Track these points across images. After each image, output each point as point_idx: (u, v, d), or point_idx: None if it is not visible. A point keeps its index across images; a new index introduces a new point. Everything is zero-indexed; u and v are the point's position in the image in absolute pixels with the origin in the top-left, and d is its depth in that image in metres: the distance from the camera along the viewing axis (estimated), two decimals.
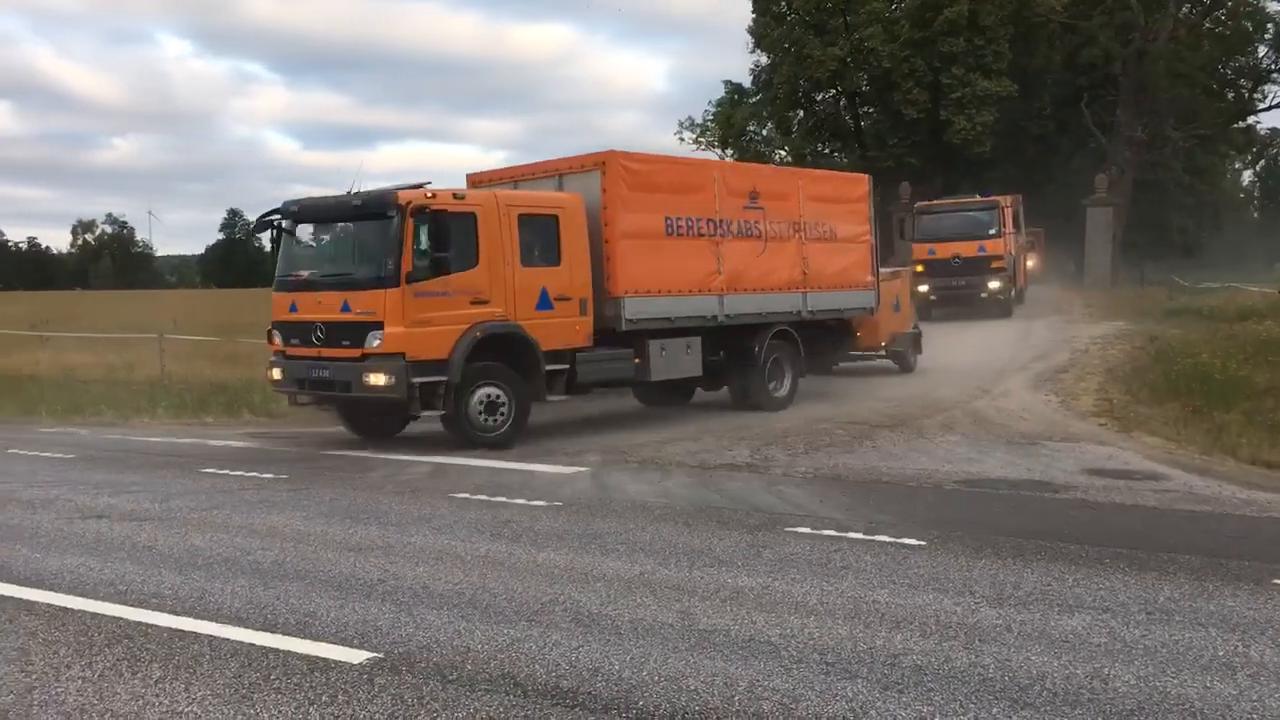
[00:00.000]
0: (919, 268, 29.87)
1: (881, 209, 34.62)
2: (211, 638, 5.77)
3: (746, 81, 54.66)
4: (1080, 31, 47.67)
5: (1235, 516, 8.83)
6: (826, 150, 53.54)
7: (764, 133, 54.88)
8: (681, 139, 56.55)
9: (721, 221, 15.54)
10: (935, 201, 33.31)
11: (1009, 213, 30.45)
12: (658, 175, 15.01)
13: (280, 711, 4.79)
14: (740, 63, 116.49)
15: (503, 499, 9.68)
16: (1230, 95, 51.98)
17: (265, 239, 14.20)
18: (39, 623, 6.11)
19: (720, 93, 55.51)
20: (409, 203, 12.31)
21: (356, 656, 5.44)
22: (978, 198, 32.18)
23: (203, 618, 6.12)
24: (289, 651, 5.52)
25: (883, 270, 21.40)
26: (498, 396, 13.01)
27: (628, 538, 8.06)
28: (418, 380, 12.28)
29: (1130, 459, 11.60)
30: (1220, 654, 5.36)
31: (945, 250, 30.07)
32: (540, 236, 13.68)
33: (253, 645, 5.63)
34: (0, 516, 9.17)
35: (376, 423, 14.20)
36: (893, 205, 44.62)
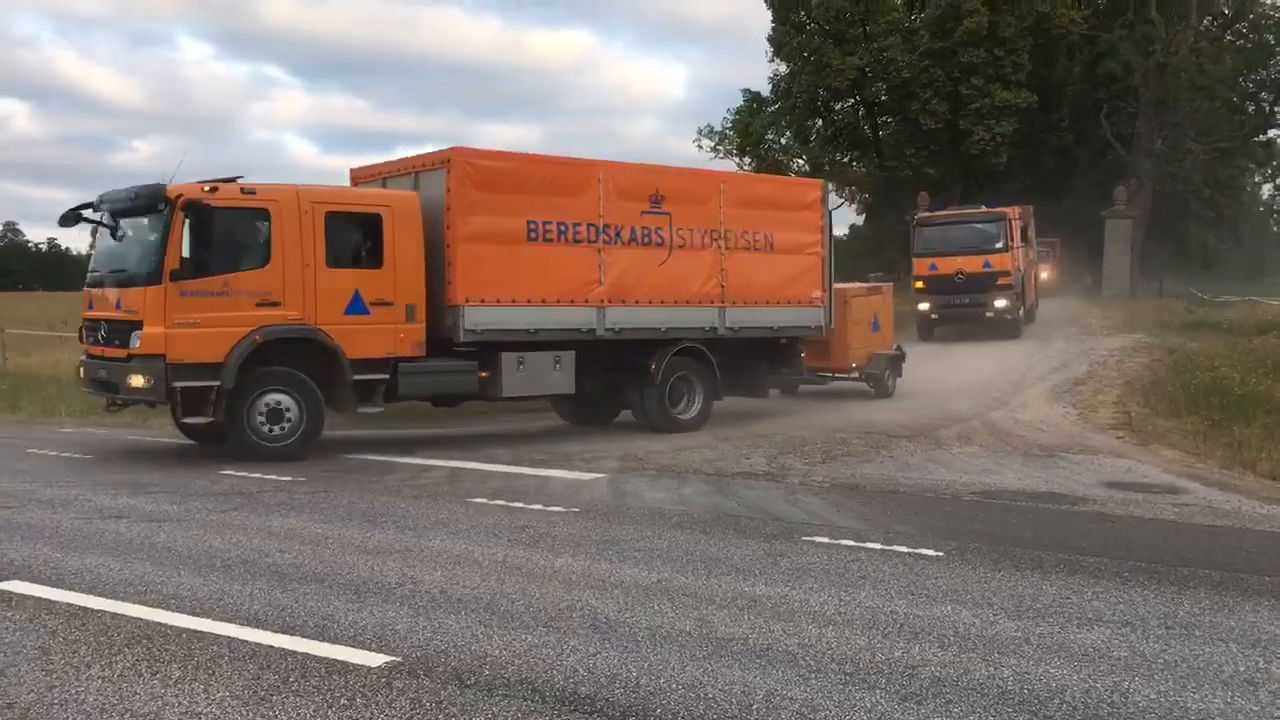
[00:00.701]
0: (919, 284, 28.12)
1: (900, 220, 33.77)
2: (230, 639, 5.78)
3: (765, 90, 54.67)
4: (1100, 43, 47.50)
5: (1255, 531, 8.78)
6: (845, 159, 53.49)
7: (782, 141, 54.88)
8: (700, 146, 56.61)
9: (607, 227, 14.43)
10: (937, 212, 30.61)
11: (1017, 225, 28.13)
12: (519, 175, 13.94)
13: (299, 714, 4.80)
14: (759, 71, 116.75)
15: (519, 504, 9.70)
16: (1251, 108, 51.72)
17: (88, 233, 13.65)
18: (59, 622, 6.14)
19: (739, 101, 55.52)
20: (179, 196, 11.83)
21: (374, 660, 5.44)
22: (983, 209, 29.71)
23: (221, 619, 6.14)
24: (307, 654, 5.54)
25: (860, 285, 21.04)
26: (283, 405, 12.37)
27: (645, 545, 8.06)
28: (179, 384, 11.75)
29: (1149, 472, 11.55)
30: (1242, 669, 5.33)
31: (948, 265, 27.70)
32: (358, 236, 13.09)
33: (271, 647, 5.64)
34: (20, 516, 9.21)
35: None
36: (911, 215, 44.59)
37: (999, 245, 27.40)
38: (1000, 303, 27.09)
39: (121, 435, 15.28)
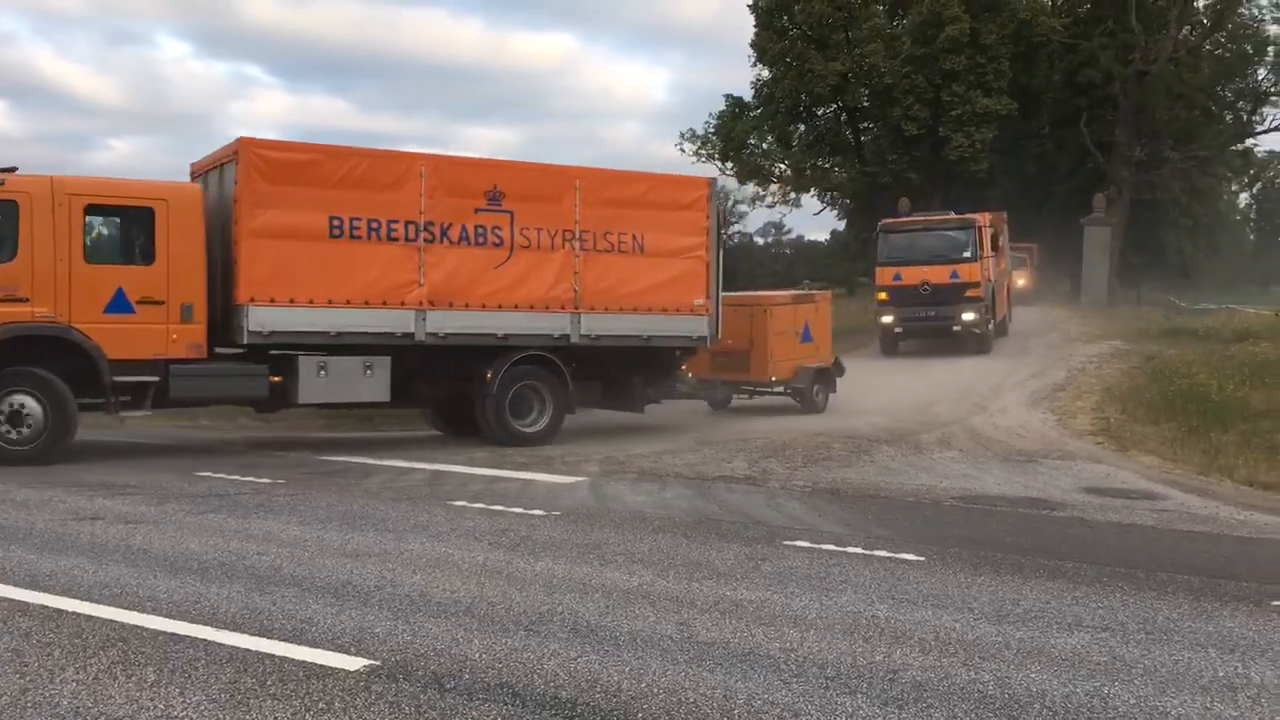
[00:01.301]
0: (882, 295, 26.30)
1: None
2: (206, 642, 5.73)
3: (748, 95, 54.78)
4: (1080, 51, 47.85)
5: (1232, 537, 8.84)
6: (826, 164, 53.68)
7: (764, 146, 55.00)
8: (682, 150, 56.63)
9: (430, 224, 13.54)
10: (903, 218, 28.62)
11: (987, 233, 26.06)
12: (320, 168, 13.10)
13: (276, 717, 4.75)
14: (742, 76, 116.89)
15: (500, 507, 9.66)
16: (1229, 117, 52.17)
17: None
18: (33, 624, 6.06)
19: (722, 105, 55.59)
20: None
21: (353, 664, 5.40)
22: (951, 215, 27.76)
23: (197, 622, 6.08)
24: (285, 657, 5.49)
25: (785, 293, 19.94)
26: (25, 407, 11.84)
27: (626, 548, 8.04)
28: None
29: (1127, 478, 11.62)
30: (1220, 675, 5.35)
31: (912, 275, 25.59)
32: (125, 231, 12.64)
33: (248, 650, 5.59)
34: None
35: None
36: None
37: (967, 254, 25.45)
38: (968, 316, 25.07)
39: (98, 436, 15.12)
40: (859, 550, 8.01)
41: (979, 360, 23.76)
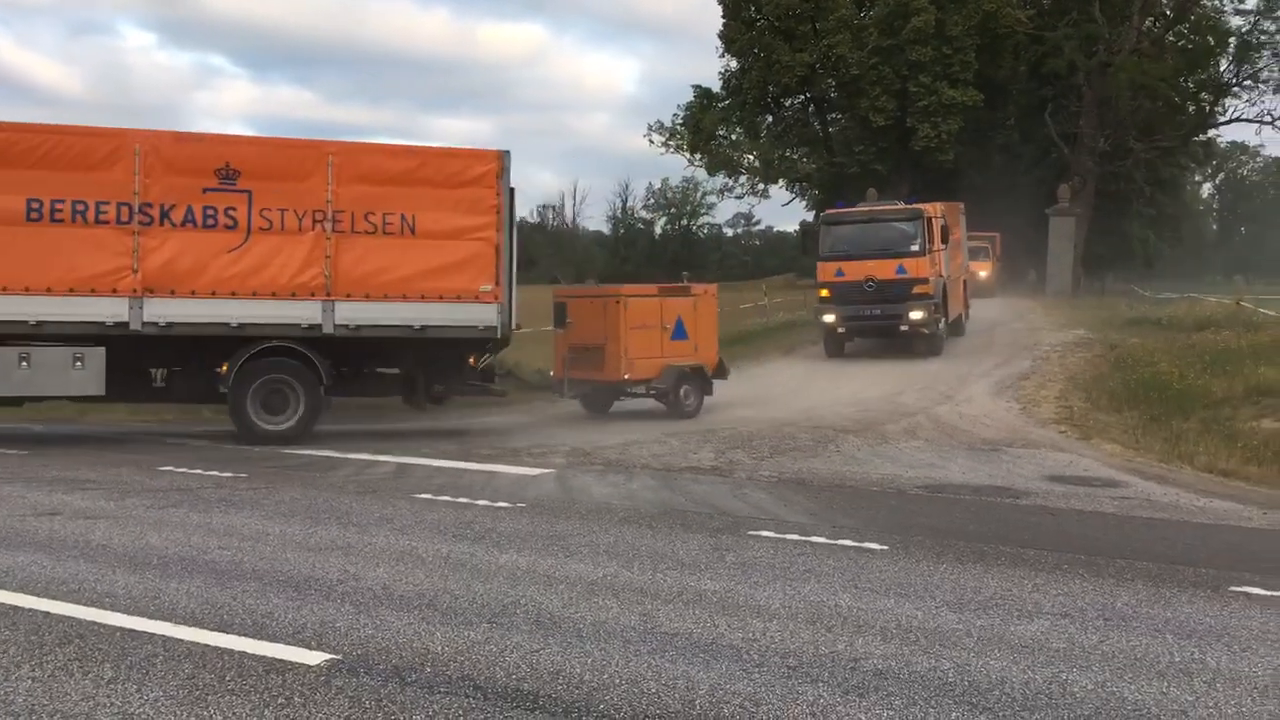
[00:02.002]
0: (824, 292, 23.98)
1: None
2: (165, 638, 5.67)
3: (716, 86, 54.85)
4: (1045, 43, 48.21)
5: (1192, 524, 8.94)
6: (794, 155, 53.86)
7: (733, 137, 55.12)
8: (651, 141, 56.74)
9: (147, 206, 12.75)
10: (846, 209, 26.02)
11: (938, 224, 23.81)
12: (16, 148, 12.43)
13: (235, 713, 4.71)
14: (711, 67, 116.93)
15: (465, 500, 9.63)
16: (1191, 108, 52.74)
17: None
18: None
19: (691, 97, 55.65)
20: None
21: (314, 658, 5.36)
22: (899, 205, 25.91)
23: (156, 617, 6.01)
24: (244, 653, 5.44)
25: (647, 286, 18.23)
26: None
27: (591, 540, 8.03)
28: None
29: (1090, 466, 11.72)
30: (1177, 660, 5.41)
31: (856, 270, 23.29)
32: None
33: (207, 646, 5.53)
34: None
35: None
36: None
37: (915, 248, 23.17)
38: (916, 315, 22.89)
39: (60, 430, 14.97)
40: (823, 540, 8.04)
41: (911, 370, 21.50)
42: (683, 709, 4.75)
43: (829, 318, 23.64)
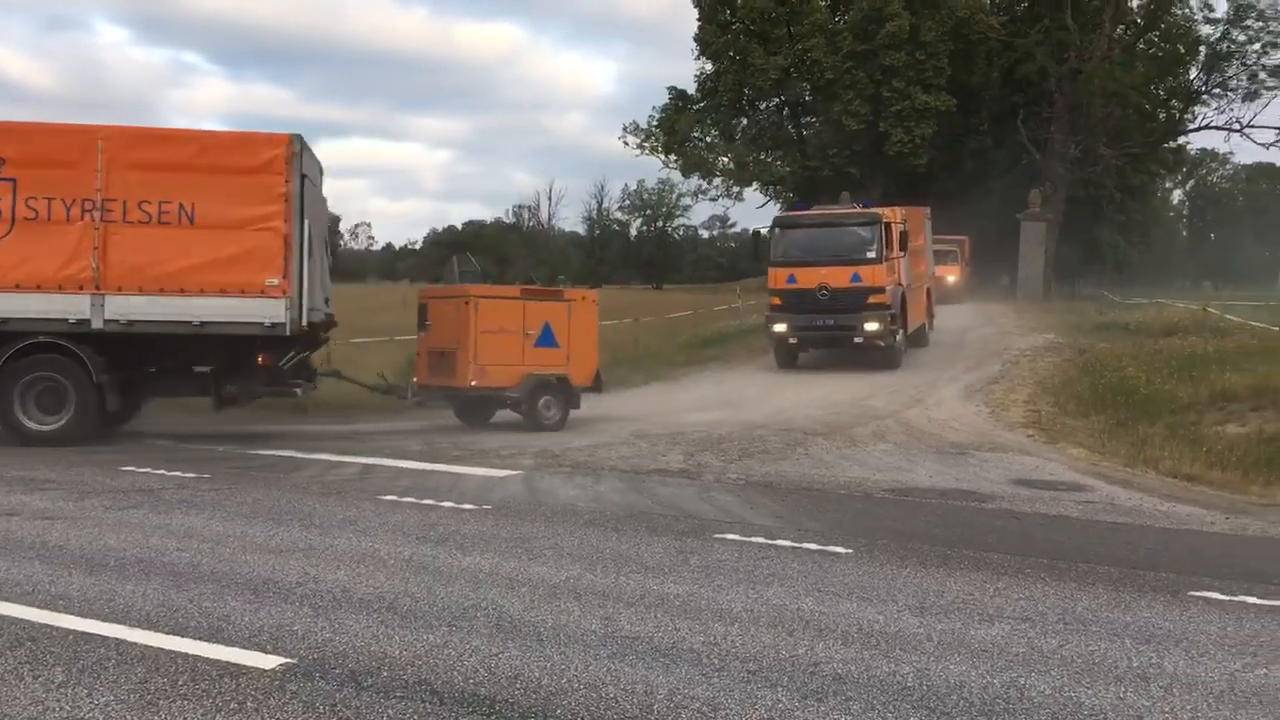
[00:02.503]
0: (775, 300, 22.43)
1: None
2: (118, 641, 5.59)
3: (691, 88, 54.88)
4: (1018, 48, 48.53)
5: (1155, 529, 8.99)
6: (768, 159, 53.96)
7: (708, 139, 55.14)
8: (626, 143, 56.62)
9: None
10: (800, 212, 24.67)
11: (897, 230, 22.59)
12: None
13: (186, 718, 4.65)
14: (688, 69, 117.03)
15: (431, 501, 9.56)
16: (1162, 115, 53.19)
17: None
18: None
19: (665, 98, 55.65)
20: None
21: (269, 662, 5.30)
22: (856, 208, 24.15)
23: (110, 620, 5.93)
24: (198, 656, 5.37)
25: (505, 287, 17.03)
26: None
27: (555, 542, 7.99)
28: None
29: (1056, 470, 11.78)
30: (1135, 665, 5.42)
31: (809, 277, 21.77)
32: None
33: (161, 650, 5.46)
34: None
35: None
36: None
37: (872, 255, 21.64)
38: (871, 326, 21.42)
39: None
40: (788, 543, 8.03)
41: (886, 375, 20.89)
42: (640, 713, 4.72)
43: (780, 327, 22.17)
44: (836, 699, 4.91)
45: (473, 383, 14.99)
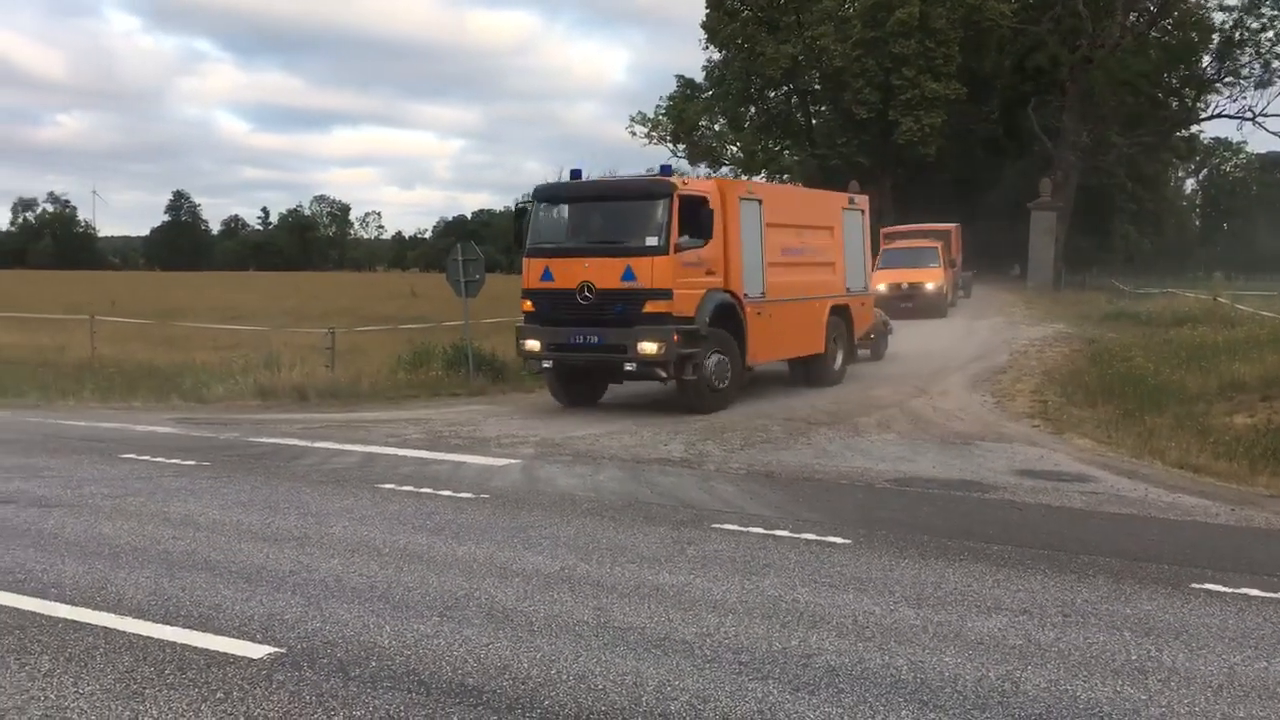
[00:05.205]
0: (526, 304, 15.36)
1: None
2: (107, 629, 5.57)
3: (699, 77, 54.69)
4: (1029, 36, 48.22)
5: (1158, 520, 8.88)
6: (777, 148, 53.75)
7: (716, 128, 54.96)
8: (633, 133, 56.48)
9: None
10: (570, 182, 16.08)
11: (714, 208, 14.99)
12: None
13: (171, 708, 4.62)
14: (695, 58, 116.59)
15: (429, 490, 9.51)
16: (1174, 104, 52.87)
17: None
18: None
19: (673, 87, 55.46)
20: None
21: (257, 651, 5.27)
22: (646, 175, 16.11)
23: (101, 609, 5.91)
24: (187, 645, 5.34)
25: None
26: None
27: (551, 532, 7.93)
28: None
29: (1061, 460, 11.67)
30: (1133, 658, 5.35)
31: (568, 273, 14.84)
32: None
33: (150, 638, 5.44)
34: None
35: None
36: None
37: (653, 242, 14.39)
38: (646, 346, 14.30)
39: (23, 418, 14.77)
40: (786, 533, 7.96)
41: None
42: (629, 705, 4.67)
43: (531, 343, 15.16)
44: (828, 691, 4.85)
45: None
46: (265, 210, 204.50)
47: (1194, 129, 56.67)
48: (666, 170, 16.07)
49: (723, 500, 9.31)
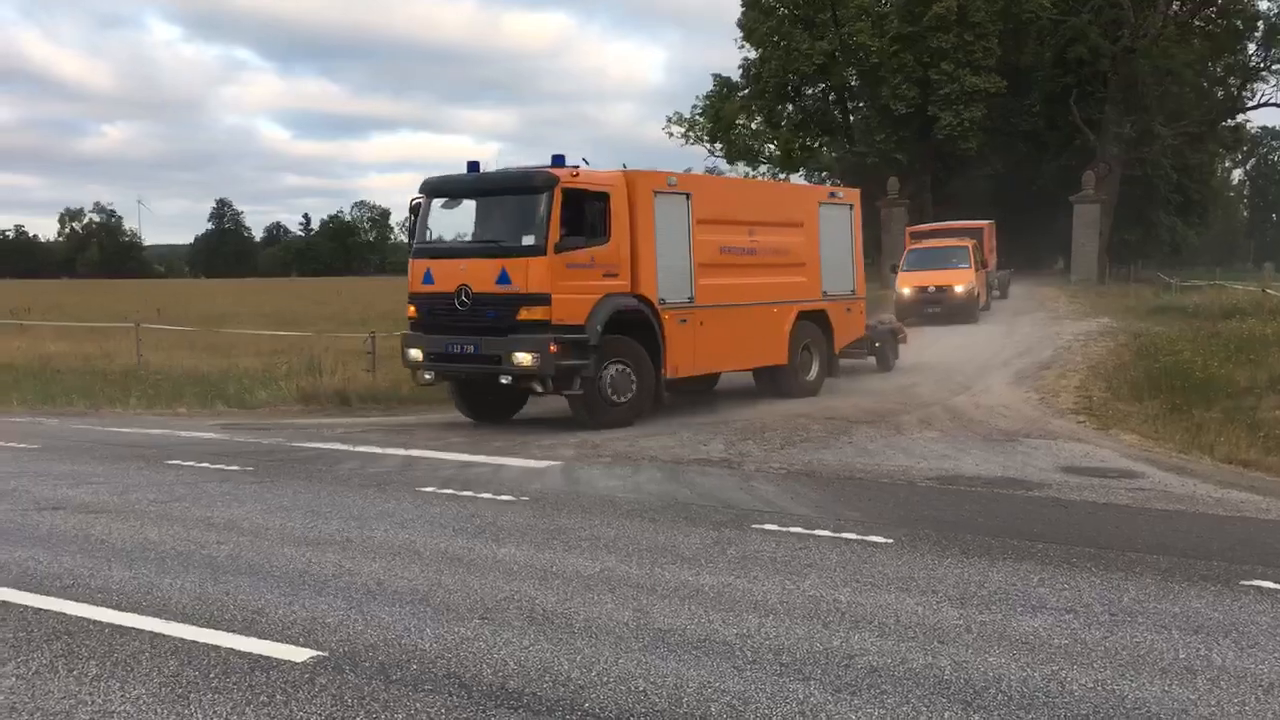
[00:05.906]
0: (412, 310, 14.39)
1: (869, 206, 30.76)
2: (153, 634, 5.63)
3: (736, 75, 54.55)
4: (1069, 28, 47.66)
5: (1207, 516, 8.74)
6: (815, 145, 53.52)
7: (753, 127, 54.80)
8: (670, 134, 56.47)
9: None
10: (461, 174, 14.57)
11: (615, 202, 13.77)
12: None
13: (215, 711, 4.66)
14: (732, 56, 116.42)
15: (470, 493, 9.55)
16: (1219, 93, 52.07)
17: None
18: None
19: (710, 86, 55.36)
20: None
21: (300, 655, 5.30)
22: (536, 167, 13.84)
23: (147, 614, 5.98)
24: (231, 649, 5.39)
25: None
26: None
27: (592, 534, 7.93)
28: None
29: (1107, 456, 11.51)
30: (1181, 657, 5.26)
31: (448, 275, 13.71)
32: None
33: (194, 643, 5.49)
34: None
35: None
36: (880, 201, 44.59)
37: (530, 241, 13.10)
38: (521, 357, 13.02)
39: (70, 425, 15.00)
40: (827, 533, 7.91)
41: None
42: (669, 708, 4.65)
43: (414, 353, 14.22)
44: (870, 692, 4.81)
45: None
46: (306, 216, 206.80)
47: (1240, 118, 55.83)
48: (559, 160, 13.62)
49: (763, 500, 9.27)
